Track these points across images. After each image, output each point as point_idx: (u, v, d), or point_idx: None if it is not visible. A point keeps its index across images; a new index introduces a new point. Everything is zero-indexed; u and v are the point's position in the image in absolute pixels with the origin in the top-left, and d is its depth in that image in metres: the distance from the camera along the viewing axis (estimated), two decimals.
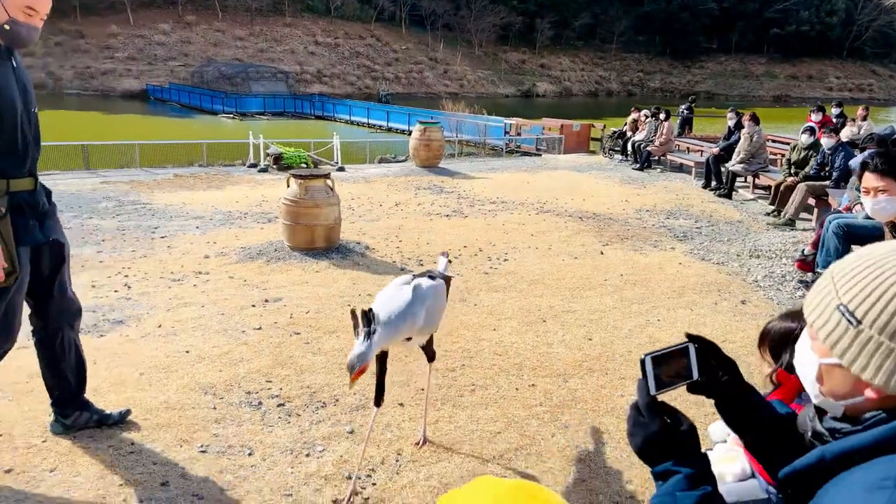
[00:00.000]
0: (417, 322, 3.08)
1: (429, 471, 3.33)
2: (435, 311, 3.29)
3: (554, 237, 9.09)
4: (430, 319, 3.21)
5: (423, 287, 3.20)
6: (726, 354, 1.38)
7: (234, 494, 3.11)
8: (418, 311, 3.08)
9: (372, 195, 12.65)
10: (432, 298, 3.23)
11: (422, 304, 3.11)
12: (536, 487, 1.33)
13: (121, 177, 14.95)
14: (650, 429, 1.21)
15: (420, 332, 3.20)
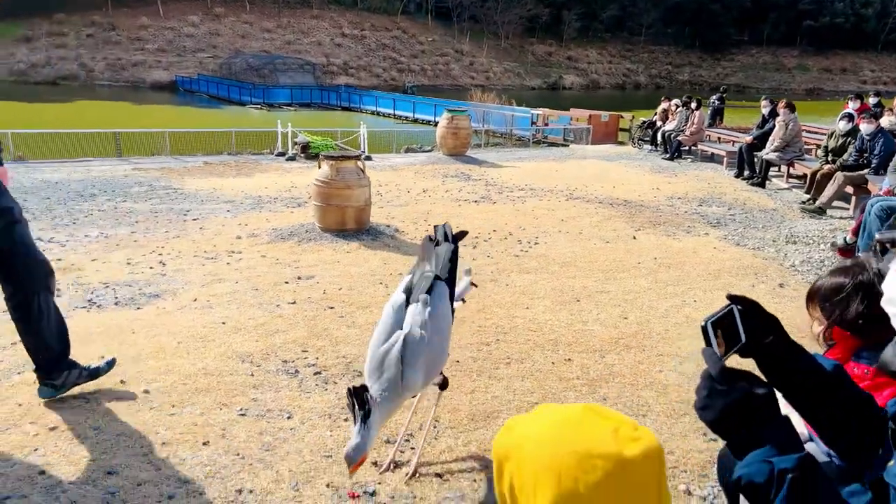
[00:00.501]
0: (416, 388, 2.69)
1: (467, 437, 3.32)
2: (437, 352, 2.77)
3: (584, 222, 9.01)
4: (432, 368, 2.75)
5: (415, 338, 2.62)
6: (769, 312, 1.32)
7: (275, 454, 3.12)
8: (413, 377, 2.62)
9: (399, 182, 12.66)
10: (431, 339, 2.67)
11: (414, 367, 2.61)
12: (598, 406, 1.28)
13: (151, 164, 15.19)
14: (731, 396, 1.11)
15: (424, 388, 2.83)
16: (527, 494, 1.17)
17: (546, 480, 1.14)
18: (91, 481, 2.89)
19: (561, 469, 1.12)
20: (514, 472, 1.19)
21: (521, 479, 1.19)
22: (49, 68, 52.31)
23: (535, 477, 1.16)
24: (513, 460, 1.20)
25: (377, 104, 37.42)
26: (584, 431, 1.14)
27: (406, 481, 2.94)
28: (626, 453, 1.10)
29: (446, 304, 2.84)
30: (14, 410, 3.48)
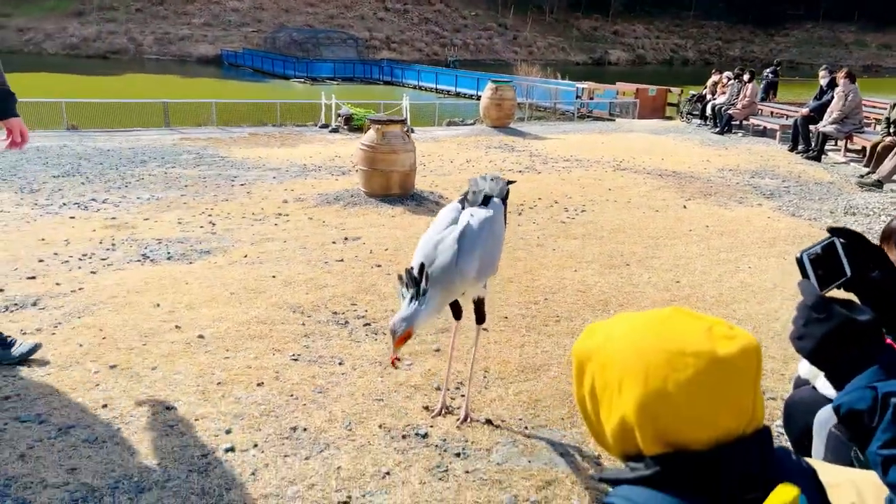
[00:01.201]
0: (469, 275, 2.58)
1: (518, 388, 3.30)
2: (490, 254, 2.72)
3: (633, 192, 8.84)
4: (486, 265, 2.68)
5: (472, 227, 2.63)
6: (873, 243, 1.24)
7: (327, 396, 3.16)
8: (468, 265, 2.56)
9: (442, 153, 12.61)
10: (486, 237, 2.66)
11: (471, 253, 2.56)
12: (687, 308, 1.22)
13: (199, 134, 15.47)
14: (830, 323, 1.06)
15: (476, 283, 2.71)
16: (610, 394, 1.12)
17: (632, 379, 1.08)
18: (151, 414, 2.96)
19: (648, 367, 1.07)
20: (597, 373, 1.14)
21: (604, 379, 1.14)
22: (100, 42, 53.42)
23: (620, 376, 1.11)
24: (595, 361, 1.14)
25: (419, 78, 37.24)
26: (674, 329, 1.08)
27: (458, 426, 2.95)
28: (721, 351, 1.04)
29: (501, 217, 2.85)
30: (76, 350, 3.59)
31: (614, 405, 1.15)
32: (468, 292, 2.78)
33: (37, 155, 11.42)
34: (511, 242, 6.14)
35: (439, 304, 2.55)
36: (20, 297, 4.41)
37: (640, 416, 1.09)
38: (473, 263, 2.57)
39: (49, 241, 5.90)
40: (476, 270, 2.60)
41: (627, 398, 1.13)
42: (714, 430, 1.03)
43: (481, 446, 2.81)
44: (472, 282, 2.65)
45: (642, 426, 1.11)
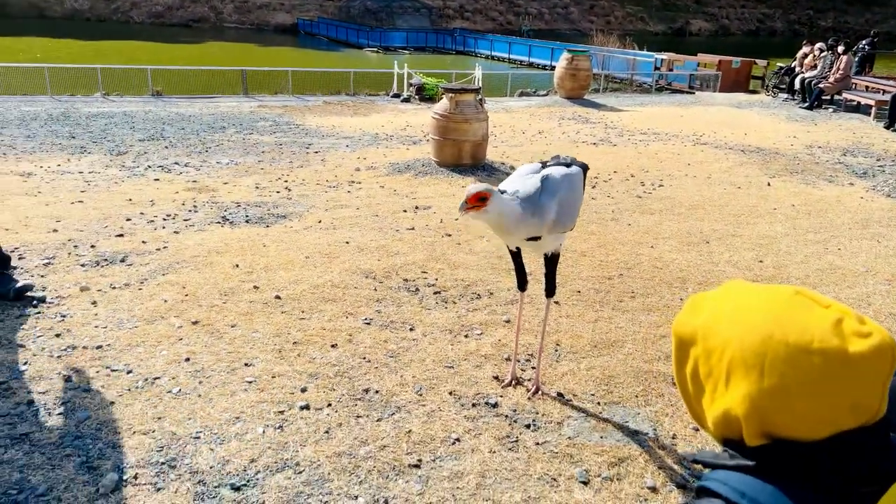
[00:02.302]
0: (547, 215, 2.62)
1: (590, 363, 3.25)
2: (570, 204, 2.77)
3: (714, 167, 8.49)
4: (563, 214, 2.69)
5: (555, 177, 2.71)
6: None
7: (399, 361, 3.19)
8: (548, 203, 2.61)
9: (514, 124, 12.44)
10: (567, 190, 2.73)
11: (552, 197, 2.63)
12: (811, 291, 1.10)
13: (275, 102, 15.80)
14: None
15: (552, 229, 2.69)
16: (715, 383, 1.03)
17: (743, 372, 0.99)
18: (231, 370, 3.07)
19: (765, 361, 0.97)
20: (700, 358, 1.04)
21: (709, 366, 1.04)
22: (183, 11, 55.03)
23: (729, 366, 1.01)
24: (700, 344, 1.04)
25: (492, 48, 36.73)
26: (797, 318, 0.97)
27: (528, 397, 2.92)
28: (852, 349, 0.93)
29: (581, 177, 2.91)
30: (161, 305, 3.75)
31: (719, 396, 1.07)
32: (544, 241, 2.74)
33: (124, 119, 11.94)
34: (584, 216, 6.01)
35: (515, 214, 2.56)
36: (109, 253, 4.63)
37: (750, 411, 1.00)
38: (553, 204, 2.63)
39: (136, 202, 6.16)
40: (555, 212, 2.64)
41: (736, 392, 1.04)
42: (832, 428, 0.95)
43: (552, 419, 2.78)
44: (549, 225, 2.65)
45: (750, 421, 1.02)
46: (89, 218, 5.52)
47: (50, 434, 2.57)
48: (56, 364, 3.08)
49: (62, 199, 6.19)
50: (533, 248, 2.81)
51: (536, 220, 2.61)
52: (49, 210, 5.74)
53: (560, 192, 2.69)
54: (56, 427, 2.61)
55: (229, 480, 2.36)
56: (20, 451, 2.46)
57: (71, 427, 2.62)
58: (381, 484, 2.36)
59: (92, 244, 4.81)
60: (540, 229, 2.64)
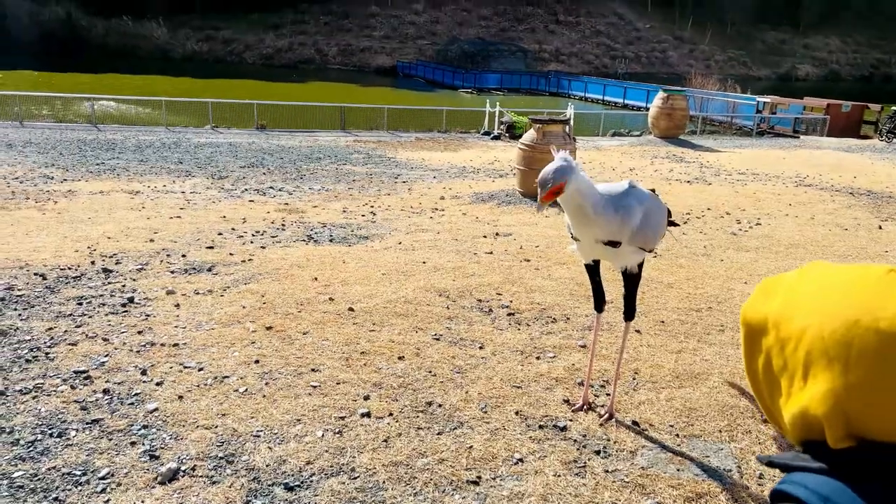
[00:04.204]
0: (632, 218, 2.49)
1: (670, 393, 3.02)
2: (655, 221, 2.65)
3: (817, 209, 7.97)
4: (647, 227, 2.56)
5: (642, 189, 2.67)
6: None
7: (465, 377, 3.09)
8: (635, 206, 2.51)
9: (604, 160, 12.24)
10: (652, 205, 2.65)
11: (639, 203, 2.54)
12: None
13: (370, 137, 16.38)
14: None
15: (633, 239, 2.53)
16: (791, 379, 0.87)
17: (824, 365, 0.82)
18: (297, 374, 3.06)
19: (851, 352, 0.80)
20: (773, 349, 0.88)
21: (784, 359, 0.87)
22: (291, 53, 58.40)
23: (808, 358, 0.84)
24: (772, 333, 0.88)
25: (586, 90, 36.62)
26: (891, 301, 0.80)
27: (600, 423, 2.74)
28: None
29: (663, 209, 2.83)
30: (239, 311, 3.83)
31: (796, 392, 0.91)
32: (623, 252, 2.58)
33: (229, 148, 12.64)
34: (674, 250, 5.75)
35: (595, 198, 2.41)
36: (198, 262, 4.81)
37: (832, 411, 0.83)
38: (639, 210, 2.52)
39: (229, 219, 6.43)
40: (639, 219, 2.52)
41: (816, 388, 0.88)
42: None
43: (625, 447, 2.59)
44: (632, 230, 2.50)
45: (833, 422, 0.85)
46: (184, 231, 5.79)
47: (119, 422, 2.63)
48: (134, 358, 3.18)
49: (163, 214, 6.54)
50: (611, 258, 2.65)
51: (619, 218, 2.47)
52: (149, 223, 6.08)
53: (647, 203, 2.61)
54: (126, 415, 2.67)
55: (284, 480, 2.31)
56: (90, 436, 2.53)
57: (139, 416, 2.67)
58: (437, 497, 2.25)
59: (183, 254, 5.02)
60: (622, 231, 2.49)
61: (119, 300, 3.95)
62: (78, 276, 4.39)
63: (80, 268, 4.55)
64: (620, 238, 2.51)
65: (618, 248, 2.54)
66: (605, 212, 2.44)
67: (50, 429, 2.54)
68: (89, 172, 9.06)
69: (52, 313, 3.70)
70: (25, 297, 3.93)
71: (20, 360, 3.10)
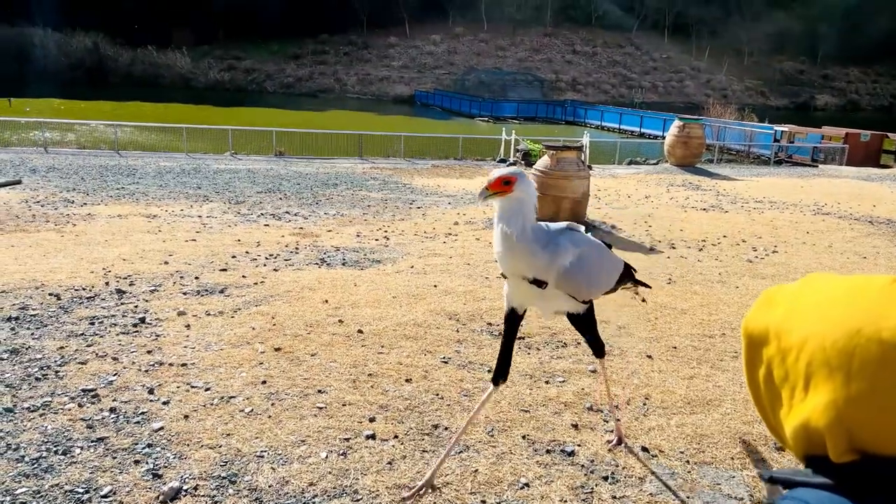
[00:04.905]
0: (559, 259, 2.26)
1: (681, 419, 2.96)
2: (592, 268, 2.41)
3: (835, 237, 7.87)
4: (577, 273, 2.31)
5: (584, 234, 2.48)
6: None
7: (473, 401, 3.05)
8: (565, 245, 2.29)
9: (619, 188, 12.22)
10: (594, 253, 2.43)
11: (573, 245, 2.32)
12: None
13: (386, 164, 16.52)
14: None
15: (562, 281, 2.29)
16: (792, 389, 0.84)
17: (825, 375, 0.80)
18: (303, 395, 3.05)
19: (853, 362, 0.78)
20: (775, 359, 0.86)
21: (786, 370, 0.85)
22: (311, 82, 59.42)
23: (809, 369, 0.82)
24: (773, 343, 0.86)
25: (602, 118, 36.77)
26: (893, 311, 0.78)
27: (609, 448, 2.69)
28: None
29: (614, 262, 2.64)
30: (248, 332, 3.84)
31: (797, 404, 0.88)
32: (550, 296, 2.35)
33: (247, 174, 12.81)
34: (688, 277, 5.70)
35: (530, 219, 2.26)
36: (211, 284, 4.84)
37: (834, 423, 0.81)
38: (571, 251, 2.30)
39: (243, 242, 6.48)
40: (570, 261, 2.28)
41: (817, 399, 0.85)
42: None
43: (633, 473, 2.53)
44: (559, 271, 2.27)
45: (835, 435, 0.82)
46: (198, 254, 5.84)
47: (124, 440, 2.62)
48: (142, 377, 3.19)
49: (178, 237, 6.61)
50: (539, 303, 2.44)
51: (546, 255, 2.25)
52: (164, 246, 6.14)
53: (583, 248, 2.37)
54: (131, 434, 2.67)
55: (286, 501, 2.29)
56: (94, 454, 2.52)
57: (145, 435, 2.66)
58: None
59: (196, 276, 5.06)
60: (548, 270, 2.26)
61: (131, 320, 3.97)
62: (92, 296, 4.43)
63: (94, 288, 4.60)
64: (546, 278, 2.29)
65: (543, 288, 2.31)
66: (531, 243, 2.24)
67: (55, 446, 2.55)
68: (109, 197, 9.21)
69: (64, 332, 3.73)
70: (39, 316, 3.98)
71: (30, 378, 3.12)
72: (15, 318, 3.89)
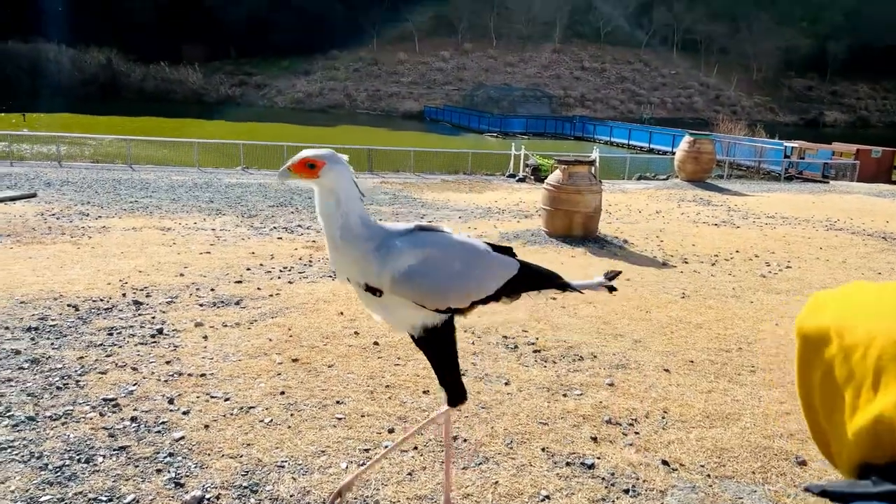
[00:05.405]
0: (391, 263, 1.94)
1: (701, 433, 2.95)
2: (441, 270, 2.02)
3: (849, 252, 7.84)
4: (422, 278, 1.98)
5: (439, 235, 2.10)
6: None
7: (491, 413, 3.05)
8: (400, 248, 1.97)
9: (630, 203, 12.22)
10: (445, 251, 2.06)
11: (414, 246, 1.99)
12: None
13: (396, 178, 16.62)
14: None
15: (396, 288, 1.97)
16: (857, 389, 0.84)
17: None
18: (322, 406, 3.06)
19: None
20: (837, 359, 0.86)
21: (850, 369, 0.85)
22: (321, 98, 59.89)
23: (879, 364, 0.82)
24: (835, 342, 0.86)
25: (611, 134, 36.85)
26: None
27: (629, 462, 2.68)
28: None
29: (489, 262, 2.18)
30: (266, 343, 3.85)
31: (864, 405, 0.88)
32: (389, 304, 2.04)
33: (259, 189, 12.89)
34: (701, 291, 5.68)
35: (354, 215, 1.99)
36: (227, 296, 4.87)
37: None
38: (411, 254, 1.97)
39: (258, 255, 6.51)
40: (406, 266, 1.94)
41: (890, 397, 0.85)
42: None
43: (654, 486, 2.52)
44: (391, 278, 1.94)
45: None
46: (213, 266, 5.88)
47: (146, 449, 2.64)
48: (162, 387, 3.20)
49: (193, 249, 6.66)
50: (381, 313, 2.10)
51: (375, 259, 1.94)
52: (180, 258, 6.18)
53: (431, 249, 2.01)
54: (152, 443, 2.68)
55: None
56: (117, 462, 2.54)
57: (166, 444, 2.68)
58: None
59: (212, 288, 5.09)
60: (380, 275, 1.95)
61: (148, 331, 4.00)
62: (109, 307, 4.47)
63: (112, 300, 4.63)
64: (379, 285, 1.98)
65: (379, 297, 2.02)
66: (359, 242, 1.96)
67: (78, 454, 2.56)
68: (123, 210, 9.30)
69: (83, 343, 3.76)
70: (58, 326, 4.01)
71: (51, 388, 3.14)
72: (35, 329, 3.93)
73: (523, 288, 2.33)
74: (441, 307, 2.08)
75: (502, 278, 2.20)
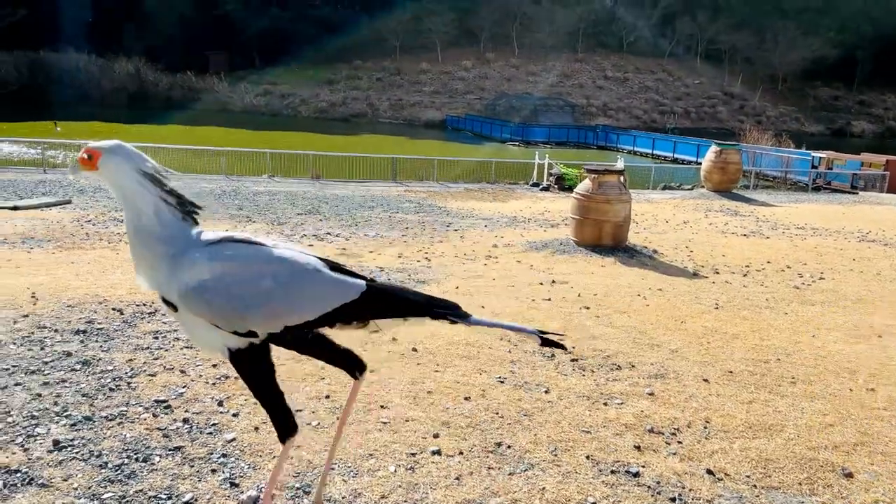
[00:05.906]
0: (181, 274, 1.81)
1: (744, 444, 2.95)
2: (243, 287, 1.86)
3: (883, 264, 7.76)
4: (214, 296, 1.82)
5: (249, 245, 1.94)
6: None
7: (533, 420, 3.08)
8: (194, 258, 1.83)
9: (657, 213, 12.18)
10: (250, 266, 1.89)
11: (212, 259, 1.85)
12: None
13: (420, 187, 16.70)
14: None
15: (187, 302, 1.84)
16: None
17: None
18: (367, 410, 3.11)
19: None
20: None
21: None
22: (344, 107, 60.35)
23: None
24: None
25: (635, 143, 36.66)
26: None
27: (673, 471, 2.69)
28: None
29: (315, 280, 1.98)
30: None
31: None
32: (190, 326, 1.92)
33: (286, 197, 13.04)
34: (734, 302, 5.66)
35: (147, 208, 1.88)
36: None
37: None
38: (207, 268, 1.83)
39: None
40: (196, 280, 1.81)
41: None
42: None
43: (700, 496, 2.53)
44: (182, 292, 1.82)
45: None
46: None
47: (200, 450, 2.71)
48: (210, 390, 3.28)
49: None
50: (183, 329, 1.93)
51: (167, 267, 1.82)
52: None
53: (233, 265, 1.84)
54: (205, 444, 2.75)
55: None
56: (173, 462, 2.61)
57: (218, 445, 2.74)
58: None
59: None
60: (169, 286, 1.83)
61: None
62: (152, 311, 4.57)
63: (154, 304, 4.73)
64: (171, 297, 1.85)
65: (175, 312, 1.90)
66: (150, 242, 1.84)
67: (135, 454, 2.64)
68: None
69: (130, 346, 3.86)
70: (105, 330, 4.11)
71: (104, 389, 3.23)
72: (83, 332, 4.03)
73: (371, 315, 2.06)
74: (239, 329, 1.87)
75: (334, 302, 1.95)
